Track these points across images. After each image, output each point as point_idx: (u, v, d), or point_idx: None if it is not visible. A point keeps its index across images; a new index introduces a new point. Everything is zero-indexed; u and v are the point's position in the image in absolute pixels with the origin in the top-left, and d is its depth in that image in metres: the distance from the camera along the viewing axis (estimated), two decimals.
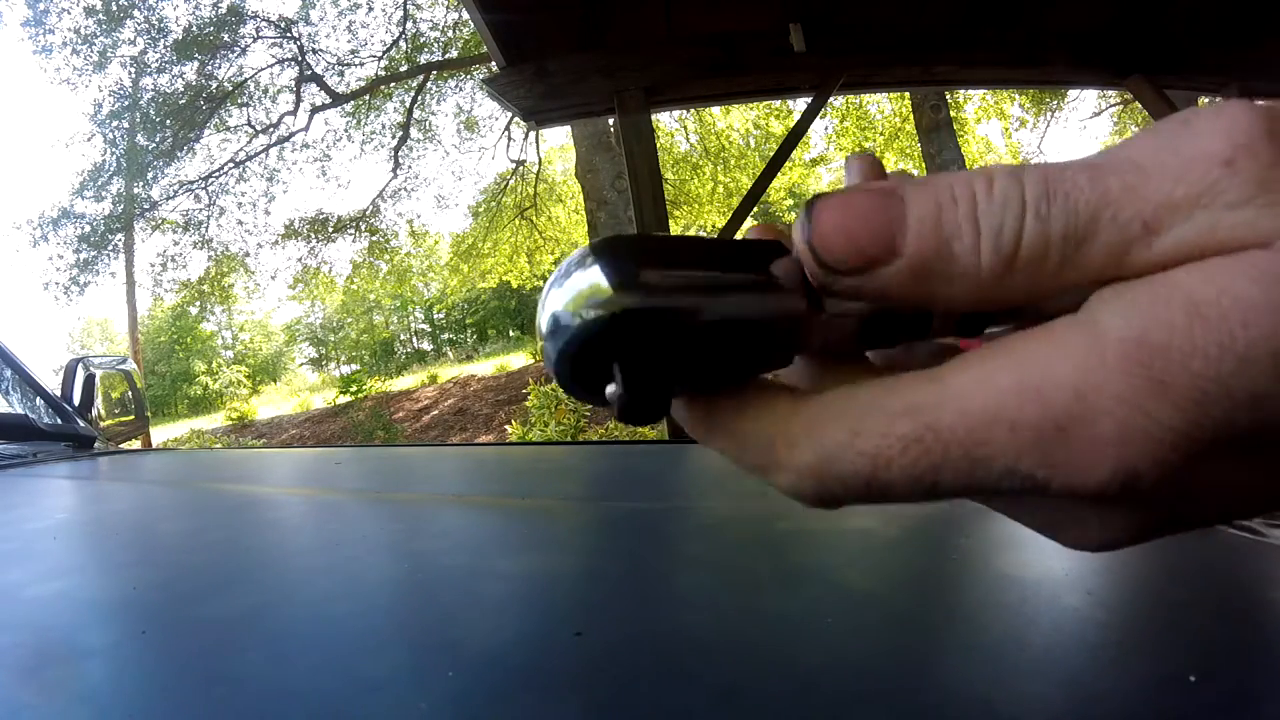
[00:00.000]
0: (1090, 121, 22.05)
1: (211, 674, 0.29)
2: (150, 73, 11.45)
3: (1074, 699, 0.23)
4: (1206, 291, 0.14)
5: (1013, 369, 0.16)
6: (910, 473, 0.16)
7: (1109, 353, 0.15)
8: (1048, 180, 0.16)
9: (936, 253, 0.16)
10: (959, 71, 3.40)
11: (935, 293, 0.16)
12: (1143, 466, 0.15)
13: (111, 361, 1.57)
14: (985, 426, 0.15)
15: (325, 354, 26.72)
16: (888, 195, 0.17)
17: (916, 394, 0.16)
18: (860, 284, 0.17)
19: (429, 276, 16.96)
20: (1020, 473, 0.16)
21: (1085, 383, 0.15)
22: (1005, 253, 0.16)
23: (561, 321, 0.17)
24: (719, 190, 12.16)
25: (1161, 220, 0.15)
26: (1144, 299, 0.15)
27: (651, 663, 0.28)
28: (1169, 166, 0.15)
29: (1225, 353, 0.14)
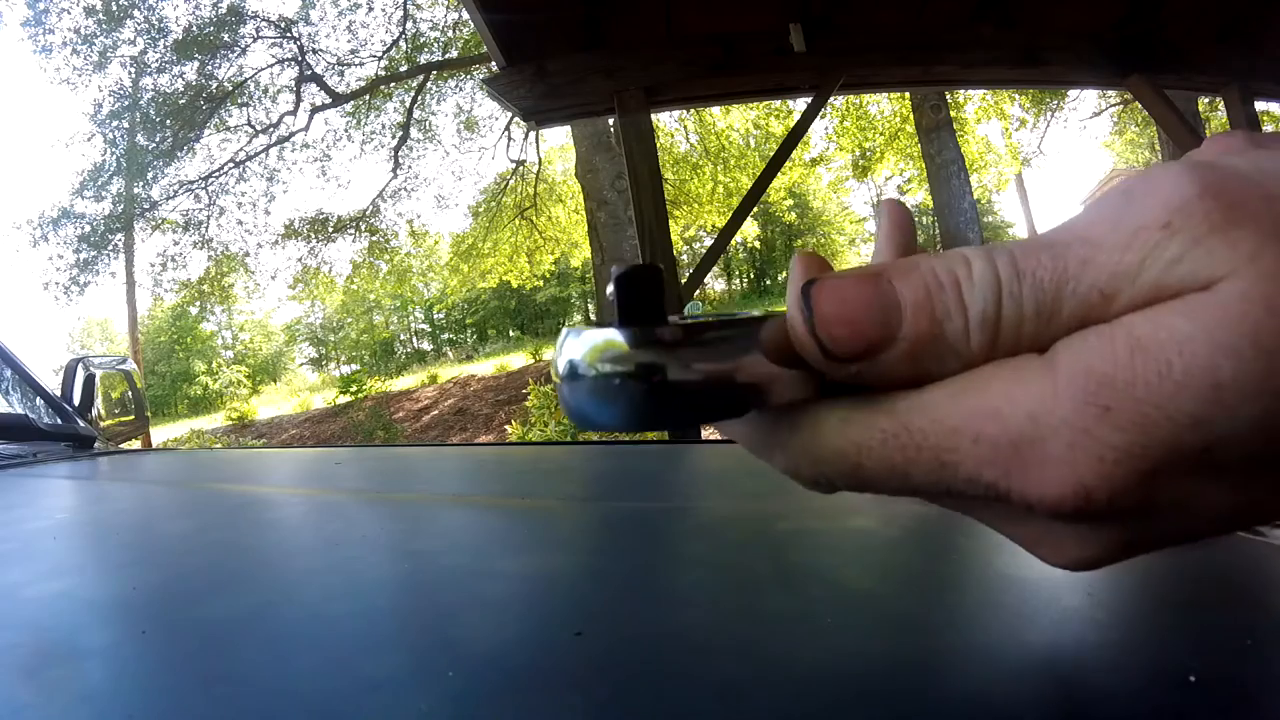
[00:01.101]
0: (1090, 121, 22.06)
1: (211, 674, 0.29)
2: (150, 73, 11.45)
3: (1074, 699, 0.23)
4: (1146, 328, 0.16)
5: (979, 392, 0.17)
6: (886, 463, 0.18)
7: (1059, 382, 0.16)
8: (1016, 262, 0.17)
9: (932, 336, 0.18)
10: (959, 71, 3.40)
11: (929, 370, 0.18)
12: (1091, 482, 0.16)
13: (111, 361, 1.57)
14: (952, 435, 0.17)
15: (325, 354, 26.72)
16: (875, 280, 0.18)
17: (899, 399, 0.18)
18: (862, 370, 0.18)
19: (429, 276, 16.97)
20: (983, 481, 0.17)
21: (1038, 407, 0.17)
22: (989, 331, 0.17)
23: (579, 371, 0.19)
24: (719, 190, 12.16)
25: (1115, 286, 0.17)
26: (1093, 338, 0.17)
27: (651, 663, 0.28)
28: (1116, 238, 0.17)
29: (1163, 380, 0.15)
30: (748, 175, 11.22)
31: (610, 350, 0.19)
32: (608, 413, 0.19)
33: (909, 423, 0.18)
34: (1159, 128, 3.65)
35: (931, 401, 0.18)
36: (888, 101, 11.08)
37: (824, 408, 0.19)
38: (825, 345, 0.18)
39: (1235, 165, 0.17)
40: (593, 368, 0.19)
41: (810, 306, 0.18)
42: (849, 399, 0.19)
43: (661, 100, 3.28)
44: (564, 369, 0.20)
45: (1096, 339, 0.16)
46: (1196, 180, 0.16)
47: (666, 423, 0.19)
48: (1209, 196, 0.16)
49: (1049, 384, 0.17)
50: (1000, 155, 12.41)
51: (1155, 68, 3.32)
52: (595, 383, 0.19)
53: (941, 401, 0.18)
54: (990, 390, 0.17)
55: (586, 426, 0.20)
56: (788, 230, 24.11)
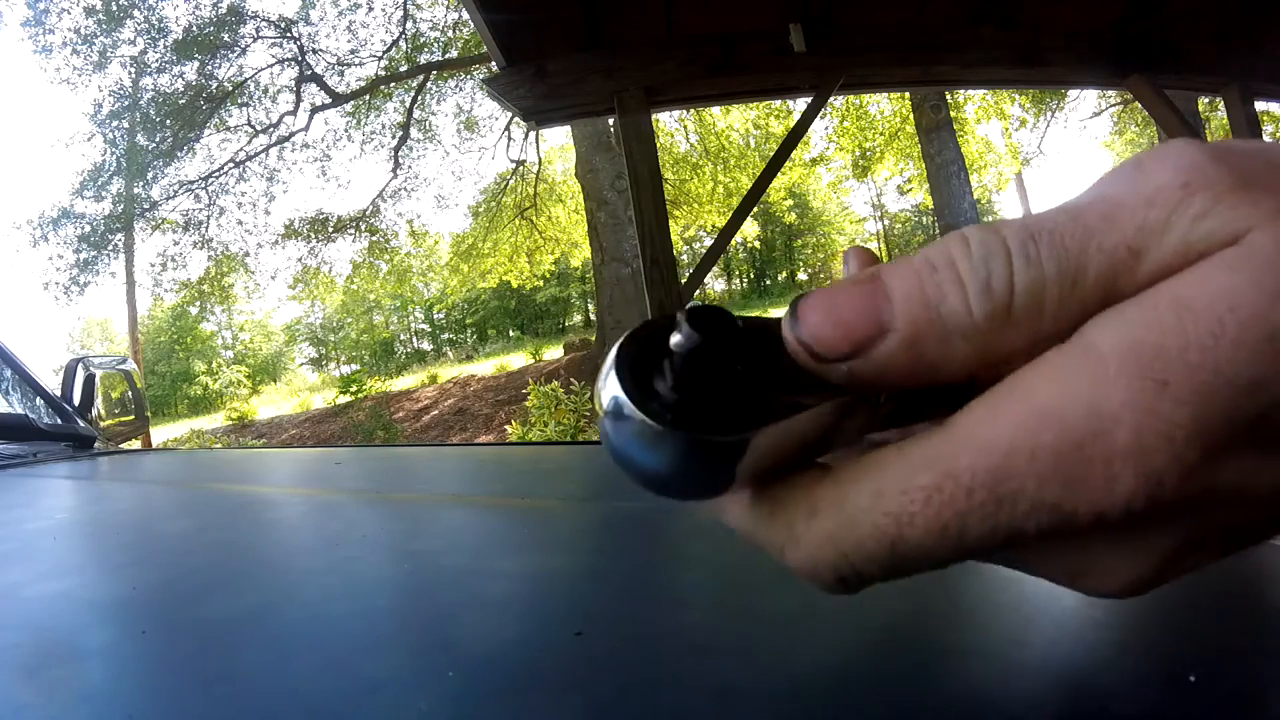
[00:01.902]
0: (1090, 121, 22.06)
1: (211, 674, 0.29)
2: (150, 73, 11.45)
3: (1074, 699, 0.23)
4: (1189, 289, 0.15)
5: (1020, 400, 0.16)
6: (935, 524, 0.16)
7: (1109, 365, 0.15)
8: (1027, 226, 0.16)
9: (926, 320, 0.16)
10: (959, 71, 3.39)
11: (935, 360, 0.17)
12: (1164, 469, 0.15)
13: (111, 361, 1.57)
14: (1004, 459, 0.15)
15: (325, 354, 26.72)
16: (869, 282, 0.17)
17: (930, 445, 0.16)
18: (856, 368, 0.17)
19: (429, 276, 16.97)
20: (1047, 503, 0.15)
21: (1095, 397, 0.15)
22: (999, 301, 0.16)
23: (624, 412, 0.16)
24: (719, 190, 12.16)
25: (1142, 241, 0.16)
26: (1131, 311, 0.15)
27: (651, 663, 0.28)
28: (1137, 196, 0.16)
29: (1219, 340, 0.14)
30: (748, 175, 11.22)
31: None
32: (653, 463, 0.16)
33: (952, 467, 0.16)
34: (1159, 128, 3.66)
35: (967, 432, 0.16)
36: (888, 101, 11.08)
37: (849, 486, 0.17)
38: (810, 346, 0.17)
39: (1230, 143, 0.17)
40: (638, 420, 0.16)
41: (796, 314, 0.17)
42: (871, 464, 0.17)
43: (661, 100, 3.27)
44: (608, 404, 0.17)
45: (1136, 310, 0.15)
46: (1204, 149, 0.16)
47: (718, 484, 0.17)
48: (1220, 161, 0.16)
49: (1098, 369, 0.15)
50: (1000, 155, 12.41)
51: (1155, 68, 3.31)
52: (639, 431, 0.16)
53: (979, 428, 0.16)
54: (1033, 393, 0.15)
55: (630, 473, 0.17)
56: (788, 230, 24.11)
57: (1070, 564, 0.18)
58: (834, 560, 0.17)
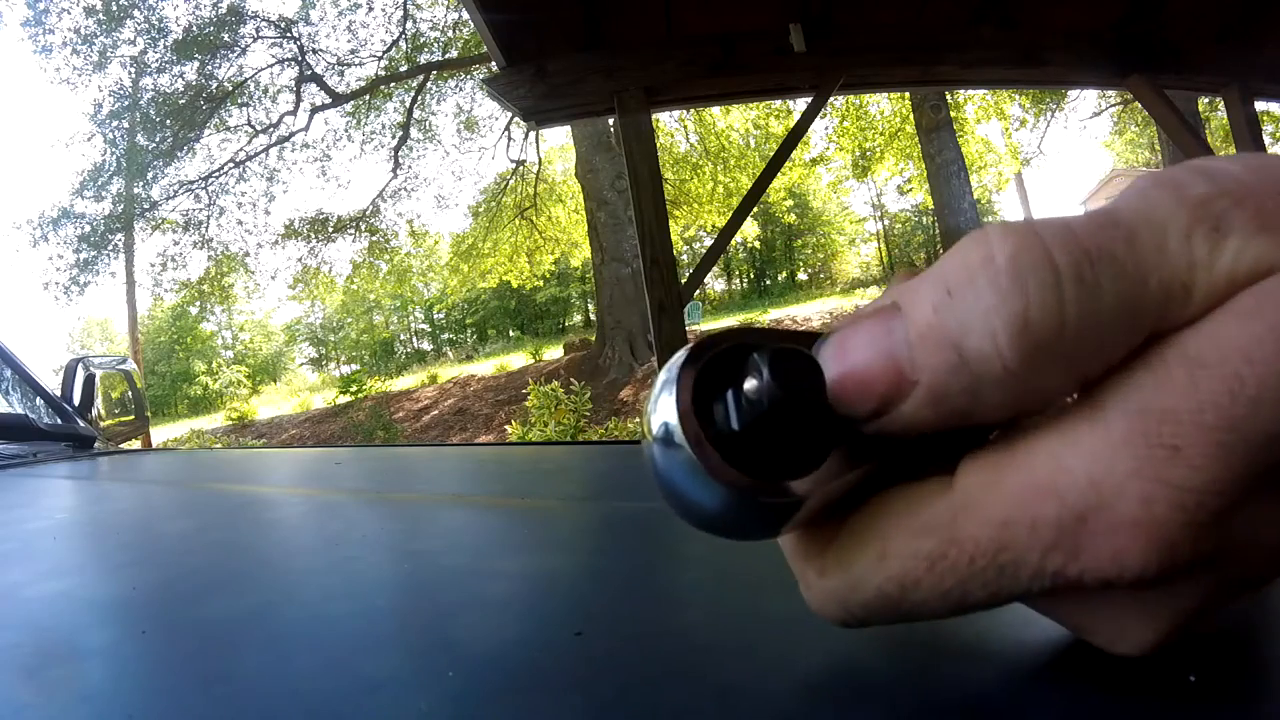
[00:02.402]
0: (1090, 121, 22.05)
1: (211, 674, 0.29)
2: (150, 73, 11.45)
3: (1074, 699, 0.23)
4: (1200, 343, 0.14)
5: (1021, 467, 0.15)
6: (938, 589, 0.16)
7: (1114, 431, 0.14)
8: (1078, 240, 0.14)
9: (950, 364, 0.14)
10: (959, 71, 3.39)
11: (965, 410, 0.15)
12: (1176, 536, 0.14)
13: (111, 361, 1.57)
14: (1005, 530, 0.15)
15: (325, 354, 26.72)
16: (885, 315, 0.15)
17: (935, 508, 0.16)
18: (885, 426, 0.15)
19: (429, 276, 16.97)
20: (1049, 571, 0.15)
21: (1096, 467, 0.14)
22: (1041, 335, 0.13)
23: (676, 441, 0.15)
24: (719, 190, 12.16)
25: (1193, 277, 0.14)
26: (1139, 369, 0.14)
27: (651, 663, 0.28)
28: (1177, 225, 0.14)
29: (1236, 399, 0.13)
30: (748, 175, 11.22)
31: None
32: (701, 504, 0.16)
33: (953, 535, 0.15)
34: (1159, 128, 3.66)
35: (970, 499, 0.15)
36: (888, 101, 11.09)
37: (856, 544, 0.17)
38: (838, 410, 0.15)
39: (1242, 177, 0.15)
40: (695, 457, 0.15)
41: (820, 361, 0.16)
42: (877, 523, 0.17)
43: (661, 100, 3.27)
44: (658, 430, 0.16)
45: (1145, 372, 0.14)
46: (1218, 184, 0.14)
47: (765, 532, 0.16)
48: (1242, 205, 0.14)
49: (1101, 436, 0.14)
50: (1000, 155, 12.42)
51: (1155, 68, 3.32)
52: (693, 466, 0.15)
53: (981, 495, 0.15)
54: (1035, 460, 0.15)
55: (671, 503, 0.16)
56: (788, 230, 24.11)
57: (1080, 622, 0.18)
58: (841, 614, 0.18)
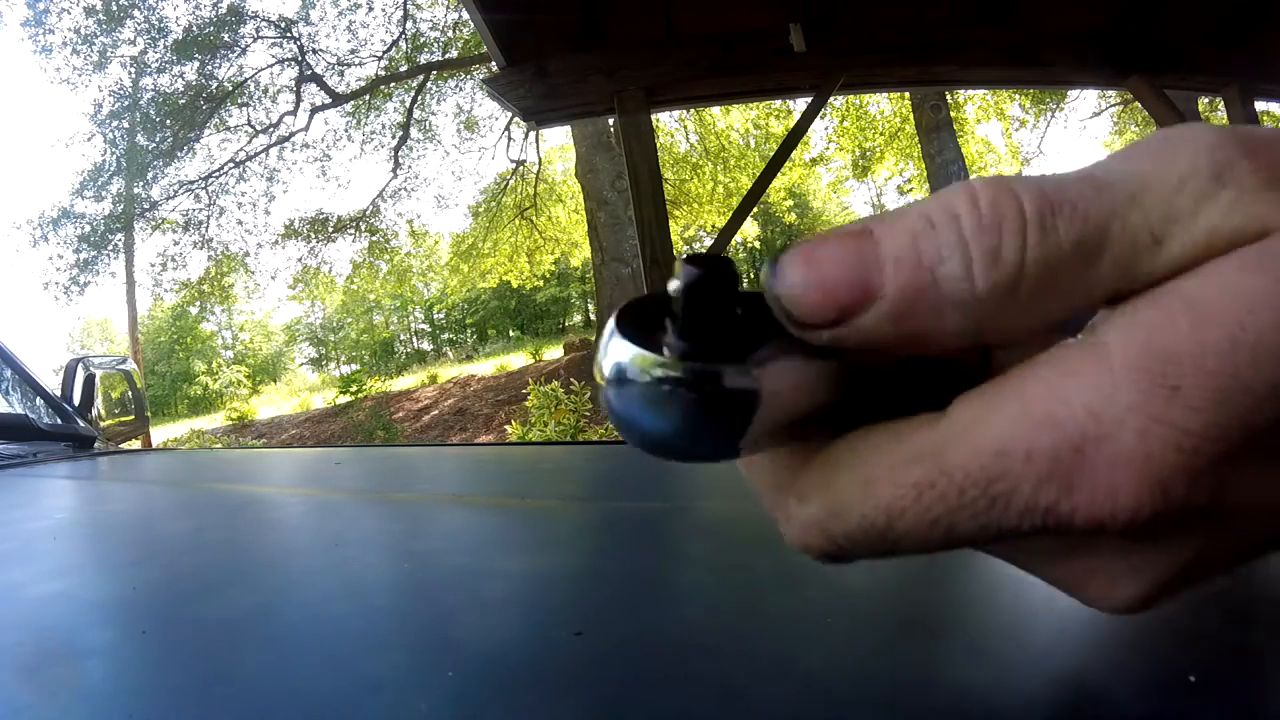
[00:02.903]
0: (1090, 121, 22.07)
1: (211, 674, 0.29)
2: (150, 73, 11.45)
3: (1074, 699, 0.23)
4: (1206, 288, 0.14)
5: (1019, 397, 0.15)
6: (925, 519, 0.15)
7: (1116, 366, 0.14)
8: (1045, 193, 0.15)
9: (919, 287, 0.15)
10: (959, 71, 3.40)
11: (926, 332, 0.15)
12: (1170, 478, 0.14)
13: (111, 361, 1.57)
14: (998, 459, 0.15)
15: (325, 354, 26.73)
16: (857, 236, 0.15)
17: (925, 436, 0.16)
18: (840, 335, 0.15)
19: (429, 276, 16.97)
20: (1041, 507, 0.15)
21: (1096, 399, 0.14)
22: (1007, 272, 0.15)
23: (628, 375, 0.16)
24: (719, 190, 12.16)
25: (1166, 229, 0.15)
26: (1145, 308, 0.15)
27: (651, 663, 0.28)
28: (1165, 178, 0.15)
29: (1238, 346, 0.13)
30: (748, 175, 11.22)
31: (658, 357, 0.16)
32: (661, 425, 0.16)
33: (944, 464, 0.15)
34: (1159, 128, 3.65)
35: (966, 426, 0.15)
36: (888, 101, 11.09)
37: (840, 471, 0.17)
38: (790, 312, 0.15)
39: (1256, 132, 0.16)
40: (645, 373, 0.15)
41: (775, 271, 0.16)
42: (860, 449, 0.16)
43: (661, 100, 3.28)
44: (610, 371, 0.16)
45: (1150, 310, 0.14)
46: (1235, 138, 0.15)
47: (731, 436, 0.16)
48: (1253, 155, 0.15)
49: (1103, 370, 0.14)
50: (1000, 155, 12.42)
51: (1155, 68, 3.32)
52: (646, 389, 0.16)
53: (977, 423, 0.15)
54: (1034, 390, 0.15)
55: (637, 441, 0.17)
56: (788, 230, 24.10)
57: (1070, 573, 0.18)
58: (823, 544, 0.17)
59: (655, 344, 0.16)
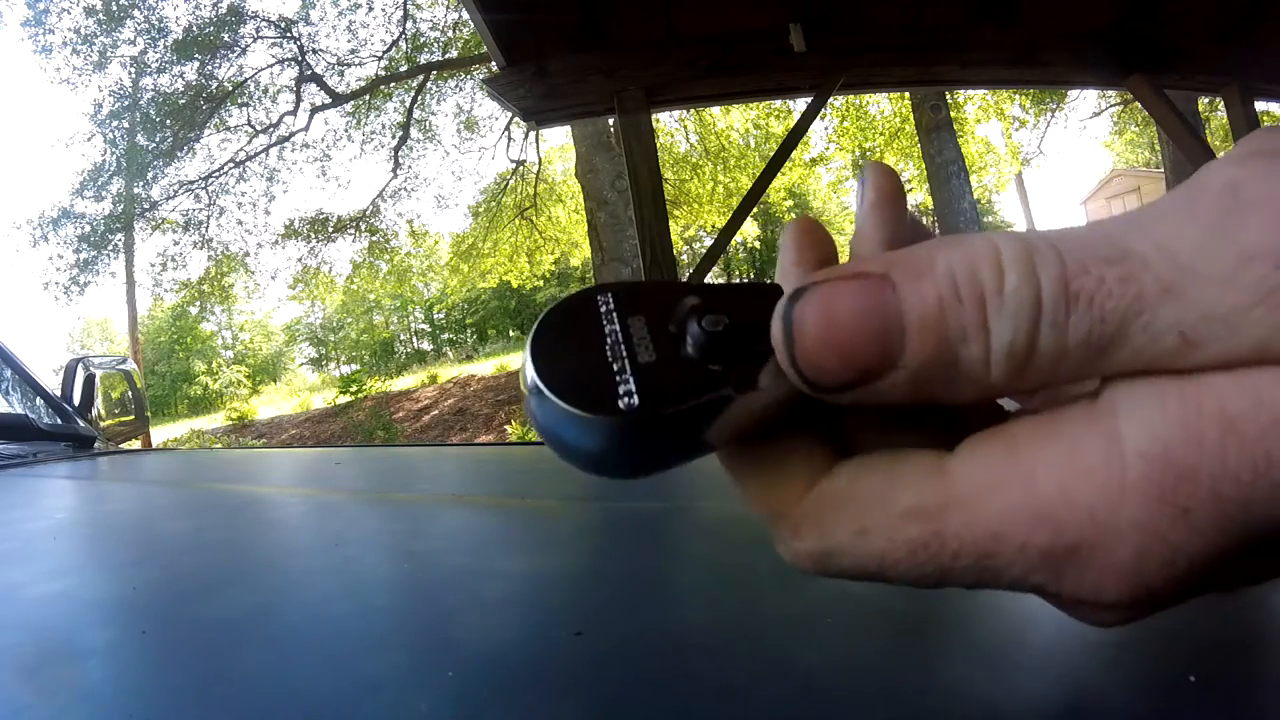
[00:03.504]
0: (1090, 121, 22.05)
1: (211, 674, 0.29)
2: (150, 73, 11.45)
3: (1074, 699, 0.23)
4: (1241, 403, 0.12)
5: (1024, 480, 0.14)
6: (917, 573, 0.15)
7: (1129, 472, 0.13)
8: (1067, 276, 0.13)
9: (941, 362, 0.14)
10: (959, 71, 3.39)
11: (937, 396, 0.15)
12: (1157, 584, 0.14)
13: (111, 361, 1.57)
14: (993, 541, 0.14)
15: (325, 354, 26.70)
16: (879, 287, 0.14)
17: (923, 492, 0.15)
18: (854, 399, 0.15)
19: (429, 276, 16.95)
20: (1028, 585, 0.15)
21: (1101, 506, 0.13)
22: (1018, 360, 0.14)
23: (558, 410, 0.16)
24: (719, 190, 12.15)
25: (1203, 334, 0.13)
26: (1173, 405, 0.13)
27: (651, 663, 0.28)
28: (1216, 265, 0.12)
29: (1259, 478, 0.12)
30: (748, 175, 11.21)
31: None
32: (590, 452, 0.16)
33: (940, 529, 0.15)
34: (1159, 128, 3.66)
35: (964, 498, 0.15)
36: (888, 101, 11.08)
37: (835, 513, 0.16)
38: (808, 377, 0.15)
39: None
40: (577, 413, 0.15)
41: (791, 328, 0.15)
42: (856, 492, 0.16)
43: (661, 100, 3.27)
44: (530, 381, 0.16)
45: (1178, 407, 0.13)
46: None
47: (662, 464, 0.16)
48: None
49: (1114, 472, 0.13)
50: (1000, 155, 12.41)
51: (1155, 68, 3.31)
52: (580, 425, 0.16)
53: (977, 495, 0.15)
54: (1036, 479, 0.14)
55: (559, 451, 0.17)
56: None
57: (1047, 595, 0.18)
58: (816, 572, 0.17)
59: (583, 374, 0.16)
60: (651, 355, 0.16)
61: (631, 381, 0.15)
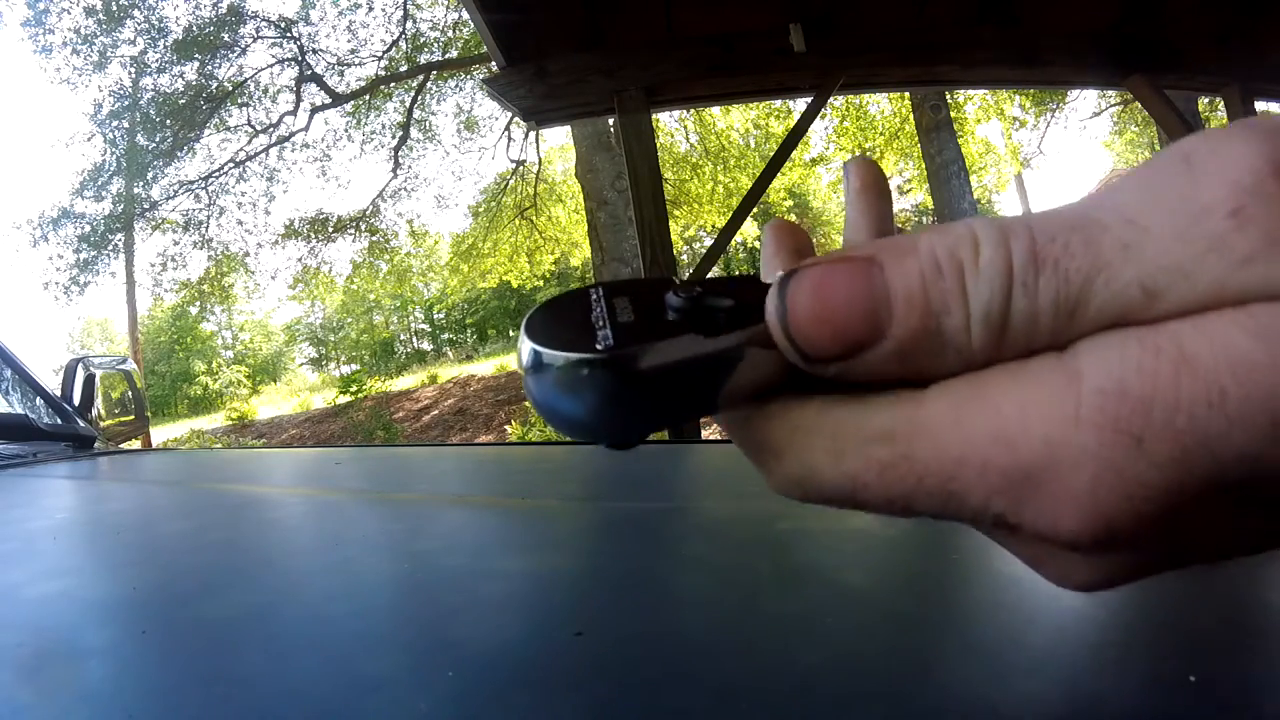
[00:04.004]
0: (1090, 121, 22.05)
1: (211, 674, 0.29)
2: (150, 73, 11.45)
3: (1074, 699, 0.23)
4: (1198, 343, 0.13)
5: (988, 410, 0.15)
6: (886, 494, 0.16)
7: (1084, 403, 0.14)
8: (1035, 244, 0.15)
9: (924, 330, 0.15)
10: (959, 71, 3.40)
11: (922, 367, 0.16)
12: (1115, 518, 0.14)
13: (111, 361, 1.57)
14: (956, 465, 0.15)
15: (325, 354, 26.69)
16: (867, 268, 0.16)
17: (895, 418, 0.16)
18: (843, 370, 0.16)
19: (429, 276, 16.95)
20: (990, 512, 0.15)
21: (1055, 432, 0.14)
22: (995, 324, 0.15)
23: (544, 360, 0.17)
24: (719, 190, 12.15)
25: (1162, 283, 0.14)
26: (1132, 346, 0.14)
27: (651, 663, 0.28)
28: (1168, 221, 0.14)
29: (1213, 411, 0.13)
30: (748, 175, 11.20)
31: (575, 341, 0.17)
32: (577, 408, 0.17)
33: (908, 452, 0.16)
34: (1159, 128, 3.66)
35: (932, 424, 0.16)
36: (888, 101, 11.07)
37: (812, 437, 0.17)
38: (801, 348, 0.16)
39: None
40: (562, 361, 0.17)
41: (785, 304, 0.16)
42: (831, 416, 0.17)
43: (661, 100, 3.27)
44: (527, 360, 0.18)
45: (1134, 347, 0.14)
46: (1273, 150, 0.13)
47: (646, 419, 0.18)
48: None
49: (1070, 402, 0.14)
50: (1000, 155, 12.41)
51: (1155, 68, 3.31)
52: (561, 373, 0.17)
53: (943, 424, 0.15)
54: (999, 408, 0.15)
55: (556, 424, 0.18)
56: None
57: (1031, 553, 0.18)
58: (801, 496, 0.18)
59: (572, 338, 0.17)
60: (631, 318, 0.17)
61: (609, 330, 0.17)
